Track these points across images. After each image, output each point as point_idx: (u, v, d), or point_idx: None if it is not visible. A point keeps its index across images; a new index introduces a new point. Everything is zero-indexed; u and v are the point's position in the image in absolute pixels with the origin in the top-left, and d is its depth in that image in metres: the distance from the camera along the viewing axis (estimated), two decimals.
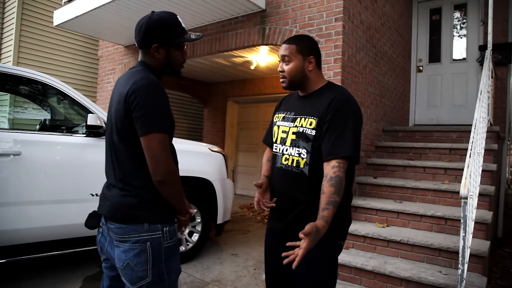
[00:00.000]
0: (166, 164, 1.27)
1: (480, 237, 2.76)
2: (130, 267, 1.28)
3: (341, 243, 1.58)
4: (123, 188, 1.32)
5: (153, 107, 1.26)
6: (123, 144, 1.32)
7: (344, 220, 1.56)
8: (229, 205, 3.92)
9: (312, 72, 1.56)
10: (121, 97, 1.29)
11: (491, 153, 3.53)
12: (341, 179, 1.36)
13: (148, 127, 1.24)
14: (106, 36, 5.74)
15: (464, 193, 1.91)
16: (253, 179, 8.01)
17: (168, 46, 1.40)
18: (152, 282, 1.30)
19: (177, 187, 1.34)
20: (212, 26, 4.71)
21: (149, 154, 1.26)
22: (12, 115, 5.38)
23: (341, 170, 1.37)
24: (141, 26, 1.38)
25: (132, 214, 1.30)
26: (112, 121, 1.37)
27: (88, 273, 3.10)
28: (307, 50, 1.54)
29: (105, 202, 1.38)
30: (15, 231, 2.55)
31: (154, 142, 1.25)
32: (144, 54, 1.42)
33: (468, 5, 5.21)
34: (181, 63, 1.47)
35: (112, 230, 1.33)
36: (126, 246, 1.29)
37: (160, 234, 1.31)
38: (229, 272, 3.28)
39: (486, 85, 3.25)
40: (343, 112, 1.43)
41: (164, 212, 1.35)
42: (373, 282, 2.63)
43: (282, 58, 1.57)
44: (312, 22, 3.77)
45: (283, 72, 1.58)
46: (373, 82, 4.28)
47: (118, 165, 1.34)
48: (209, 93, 8.43)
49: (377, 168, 3.93)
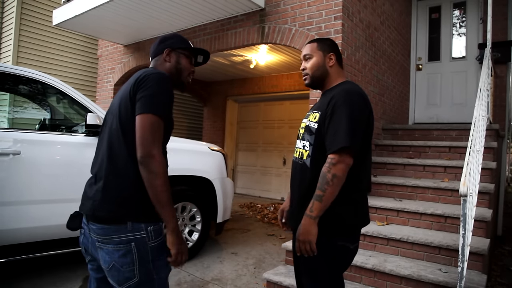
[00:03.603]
0: (150, 147, 1.23)
1: (480, 235, 2.76)
2: (116, 268, 1.25)
3: (342, 244, 1.50)
4: (107, 181, 1.28)
5: (158, 92, 1.29)
6: (121, 130, 1.30)
7: (343, 217, 1.48)
8: (229, 204, 3.93)
9: (333, 68, 1.62)
10: (130, 84, 1.33)
11: (491, 151, 3.53)
12: (324, 174, 1.41)
13: (147, 107, 1.26)
14: (106, 36, 5.74)
15: (464, 191, 1.91)
16: (253, 178, 8.02)
17: (178, 52, 1.51)
18: (140, 283, 1.26)
19: (156, 179, 1.23)
20: (212, 25, 4.70)
21: (138, 133, 1.25)
22: (11, 114, 5.38)
23: (329, 165, 1.41)
24: (156, 41, 1.54)
25: (114, 213, 1.26)
26: (113, 112, 1.37)
27: (88, 272, 3.10)
28: (328, 47, 1.62)
29: (87, 200, 1.34)
30: (14, 230, 2.55)
31: (146, 121, 1.25)
32: (155, 62, 1.52)
33: (467, 3, 5.21)
34: (189, 71, 1.55)
35: (94, 231, 1.28)
36: (109, 248, 1.25)
37: (144, 234, 1.27)
38: (229, 271, 3.28)
39: (486, 83, 3.25)
40: (340, 106, 1.46)
41: (148, 211, 1.29)
42: (373, 280, 2.64)
43: (304, 57, 1.65)
44: (312, 20, 3.77)
45: (305, 70, 1.64)
46: (372, 81, 4.28)
47: (109, 157, 1.31)
48: (209, 92, 8.43)
49: (376, 166, 3.93)
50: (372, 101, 4.28)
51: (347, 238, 1.52)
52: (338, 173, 1.39)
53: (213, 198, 3.67)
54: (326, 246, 1.47)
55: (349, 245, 1.53)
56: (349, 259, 1.59)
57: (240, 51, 5.50)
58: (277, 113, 7.77)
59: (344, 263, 1.58)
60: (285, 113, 7.62)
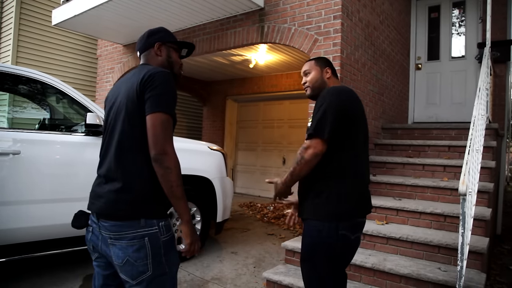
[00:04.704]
0: (163, 144, 1.28)
1: (479, 234, 2.76)
2: (130, 263, 1.28)
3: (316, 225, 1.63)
4: (121, 182, 1.31)
5: (166, 91, 1.33)
6: (131, 129, 1.32)
7: (322, 200, 1.63)
8: (229, 203, 3.93)
9: (330, 79, 1.86)
10: (134, 84, 1.34)
11: (490, 150, 3.54)
12: (296, 155, 1.65)
13: (157, 106, 1.30)
14: (105, 35, 5.74)
15: (463, 190, 1.92)
16: (252, 177, 8.02)
17: (168, 46, 1.53)
18: (153, 276, 1.30)
19: (171, 174, 1.28)
20: (211, 25, 4.70)
21: (151, 131, 1.28)
22: (11, 114, 5.38)
23: (301, 149, 1.64)
24: (143, 35, 1.55)
25: (127, 210, 1.29)
26: (118, 111, 1.37)
27: (88, 272, 3.10)
28: (323, 63, 1.89)
29: (98, 199, 1.36)
30: (14, 230, 2.55)
31: (158, 120, 1.29)
32: (146, 56, 1.53)
33: (466, 3, 5.21)
34: (179, 65, 1.59)
35: (106, 228, 1.31)
36: (123, 243, 1.28)
37: (157, 229, 1.31)
38: (229, 270, 3.29)
39: (485, 83, 3.25)
40: (318, 102, 1.68)
41: (159, 208, 1.35)
42: (373, 279, 2.64)
43: (304, 73, 1.90)
44: (311, 20, 3.77)
45: (306, 83, 1.89)
46: (372, 80, 4.28)
47: (120, 157, 1.33)
48: (208, 92, 8.43)
49: (376, 165, 3.93)
50: (372, 101, 4.28)
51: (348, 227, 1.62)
52: (306, 156, 1.60)
53: (212, 197, 3.67)
54: (305, 224, 1.70)
55: (350, 235, 1.62)
56: (350, 250, 1.69)
57: (240, 51, 5.50)
58: (276, 112, 7.78)
59: (343, 253, 1.66)
60: (284, 113, 7.63)
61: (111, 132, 1.39)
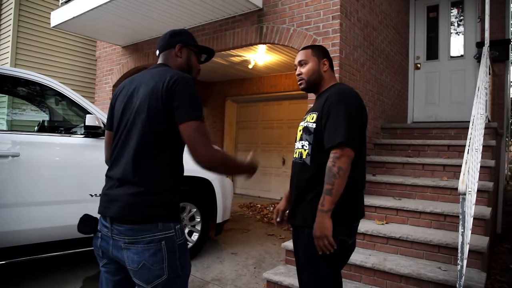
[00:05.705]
0: (203, 151, 1.29)
1: (479, 233, 2.76)
2: (146, 267, 1.26)
3: (342, 239, 1.55)
4: (139, 186, 1.28)
5: (193, 98, 1.32)
6: (154, 134, 1.30)
7: (342, 215, 1.53)
8: (229, 204, 3.93)
9: (326, 73, 1.72)
10: (158, 88, 1.30)
11: (490, 149, 3.54)
12: (329, 168, 1.48)
13: (189, 114, 1.29)
14: (104, 37, 5.73)
15: (463, 189, 1.92)
16: (252, 178, 8.00)
17: (189, 48, 1.53)
18: (168, 279, 1.29)
19: (224, 168, 1.44)
20: (210, 26, 4.70)
21: (189, 140, 1.28)
22: (10, 116, 5.37)
23: (333, 159, 1.48)
24: (165, 34, 1.54)
25: (146, 214, 1.28)
26: (137, 113, 1.33)
27: (88, 273, 3.10)
28: (321, 53, 1.73)
29: (112, 203, 1.31)
30: (14, 232, 2.55)
31: (192, 128, 1.28)
32: (165, 56, 1.51)
33: (465, 2, 5.22)
34: (197, 69, 1.58)
35: (121, 232, 1.28)
36: (139, 247, 1.26)
37: (173, 233, 1.31)
38: (229, 271, 3.28)
39: (484, 82, 3.26)
40: (336, 104, 1.54)
41: (175, 211, 1.36)
42: (373, 279, 2.64)
43: (299, 63, 1.73)
44: (310, 20, 3.77)
45: (300, 75, 1.72)
46: (371, 80, 4.28)
47: (139, 161, 1.30)
48: (208, 93, 8.43)
49: (375, 165, 3.93)
50: (371, 100, 4.28)
51: (346, 232, 1.58)
52: (342, 165, 1.46)
53: (212, 198, 3.67)
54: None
55: (348, 240, 1.60)
56: (348, 254, 1.66)
57: (239, 52, 5.50)
58: (276, 113, 7.78)
59: (342, 258, 1.64)
60: (284, 113, 7.63)
61: (127, 134, 1.35)
